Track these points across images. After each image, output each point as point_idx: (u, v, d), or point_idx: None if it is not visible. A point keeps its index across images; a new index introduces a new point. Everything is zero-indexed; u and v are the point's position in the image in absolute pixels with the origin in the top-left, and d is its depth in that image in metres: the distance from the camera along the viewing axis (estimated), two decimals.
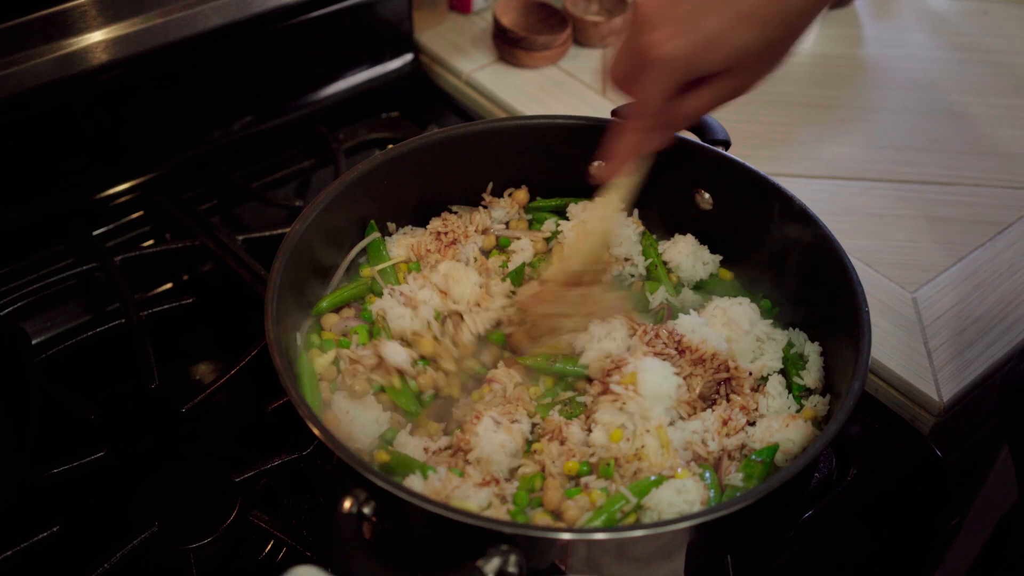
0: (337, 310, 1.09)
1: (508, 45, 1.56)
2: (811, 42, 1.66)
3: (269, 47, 1.43)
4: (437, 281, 1.08)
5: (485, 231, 1.17)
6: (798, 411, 0.99)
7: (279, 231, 1.27)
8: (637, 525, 0.88)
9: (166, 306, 1.21)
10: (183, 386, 1.18)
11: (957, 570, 1.38)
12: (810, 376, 1.01)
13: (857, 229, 1.31)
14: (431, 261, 1.12)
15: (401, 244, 1.14)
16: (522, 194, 1.19)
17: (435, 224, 1.16)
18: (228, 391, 1.11)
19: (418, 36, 1.62)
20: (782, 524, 1.00)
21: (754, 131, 1.48)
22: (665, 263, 1.13)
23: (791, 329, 1.05)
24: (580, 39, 1.62)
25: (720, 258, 1.14)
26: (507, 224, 1.18)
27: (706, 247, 1.14)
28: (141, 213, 1.37)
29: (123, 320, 1.17)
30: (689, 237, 1.15)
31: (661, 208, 1.16)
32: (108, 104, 1.31)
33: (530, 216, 1.19)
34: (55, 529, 0.97)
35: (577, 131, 1.14)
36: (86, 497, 1.04)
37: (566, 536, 0.81)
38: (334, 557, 0.77)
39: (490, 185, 1.19)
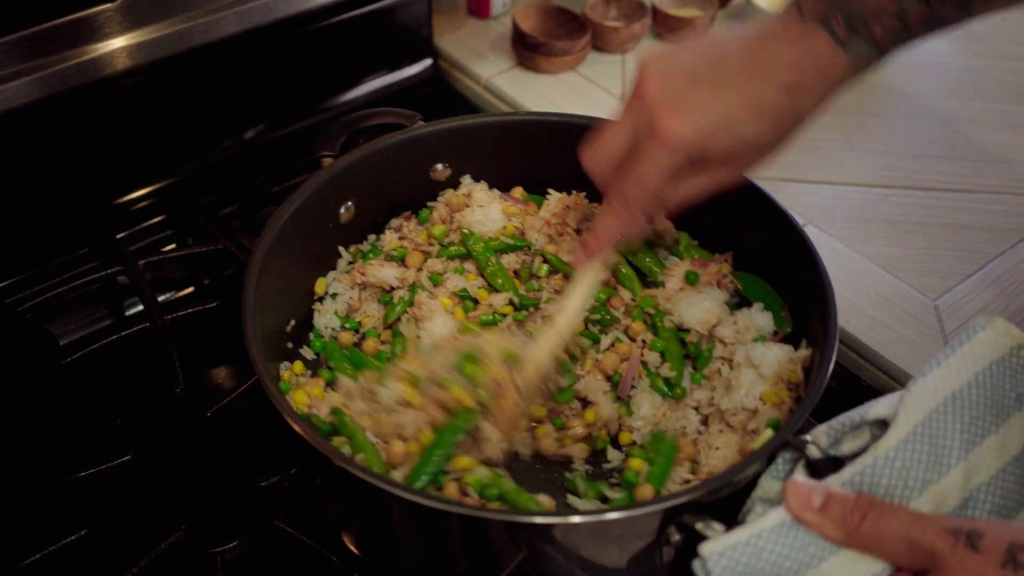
0: None
1: (527, 50, 1.57)
2: None
3: (290, 52, 1.44)
4: None
5: None
6: None
7: None
8: (615, 507, 0.89)
9: (190, 310, 1.22)
10: (207, 390, 1.19)
11: None
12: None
13: (877, 236, 1.32)
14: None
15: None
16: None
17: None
18: (251, 395, 1.12)
19: (437, 41, 1.62)
20: None
21: None
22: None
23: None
24: (599, 44, 1.63)
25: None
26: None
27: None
28: (163, 217, 1.37)
29: (147, 324, 1.18)
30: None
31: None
32: (131, 109, 1.31)
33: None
34: (83, 532, 0.98)
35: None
36: (114, 501, 1.04)
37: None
38: None
39: None
